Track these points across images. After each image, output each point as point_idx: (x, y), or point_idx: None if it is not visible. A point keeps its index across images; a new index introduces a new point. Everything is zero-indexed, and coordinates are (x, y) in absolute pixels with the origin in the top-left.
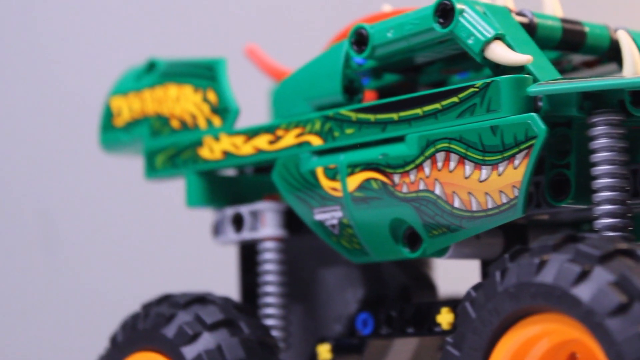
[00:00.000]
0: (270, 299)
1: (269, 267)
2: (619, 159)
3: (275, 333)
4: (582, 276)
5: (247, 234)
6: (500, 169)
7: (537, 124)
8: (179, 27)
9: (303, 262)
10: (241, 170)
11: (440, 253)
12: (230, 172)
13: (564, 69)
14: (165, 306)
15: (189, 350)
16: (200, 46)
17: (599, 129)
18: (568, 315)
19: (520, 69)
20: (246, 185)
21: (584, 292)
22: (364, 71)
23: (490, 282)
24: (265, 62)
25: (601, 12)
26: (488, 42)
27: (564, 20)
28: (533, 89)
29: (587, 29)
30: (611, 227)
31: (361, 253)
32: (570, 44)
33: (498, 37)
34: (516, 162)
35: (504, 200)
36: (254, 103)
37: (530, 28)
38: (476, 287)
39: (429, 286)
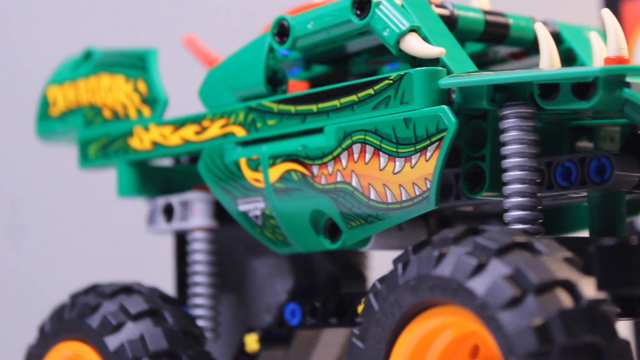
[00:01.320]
0: (199, 289)
1: (198, 257)
2: (529, 151)
3: (203, 323)
4: (478, 269)
5: (177, 224)
6: (413, 161)
7: (448, 116)
8: (121, 17)
9: (234, 252)
10: (177, 160)
11: (361, 244)
12: (167, 162)
13: (490, 61)
14: (91, 296)
15: (112, 340)
16: (141, 36)
17: (509, 122)
18: (465, 308)
19: (435, 61)
20: (178, 175)
21: (478, 285)
22: (294, 62)
23: (392, 274)
24: (203, 52)
25: (546, 6)
26: (403, 34)
27: (487, 13)
28: (444, 82)
29: (510, 21)
30: (520, 220)
31: (284, 244)
32: (493, 36)
33: (413, 30)
34: (428, 154)
35: (417, 193)
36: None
37: (451, 20)
38: (381, 280)
39: (359, 276)
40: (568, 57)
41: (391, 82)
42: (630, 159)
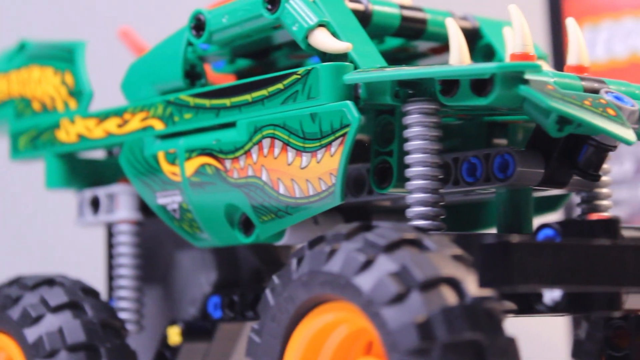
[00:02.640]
0: (123, 282)
1: (122, 249)
2: (432, 147)
3: (127, 315)
4: (365, 266)
5: (103, 217)
6: (319, 156)
7: (351, 111)
8: (58, 9)
9: (161, 245)
10: (110, 152)
11: (276, 238)
12: (99, 154)
13: (410, 56)
14: (14, 288)
15: (31, 332)
16: (78, 28)
17: (411, 117)
18: (353, 304)
19: (344, 56)
20: (106, 167)
21: (365, 281)
22: (219, 55)
23: (287, 270)
24: (137, 45)
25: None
26: (311, 29)
27: (403, 7)
28: (348, 77)
29: (428, 16)
30: (422, 216)
31: (202, 237)
32: (410, 31)
33: (322, 25)
34: (332, 149)
35: (323, 188)
36: None
37: (365, 15)
38: (278, 275)
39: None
40: (487, 52)
41: (299, 77)
42: (535, 155)
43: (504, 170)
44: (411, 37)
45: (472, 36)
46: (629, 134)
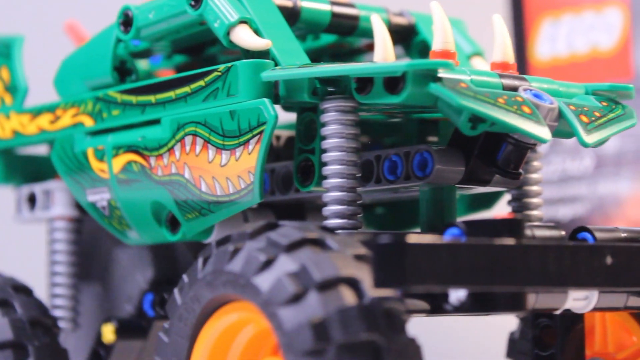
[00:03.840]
0: (59, 279)
1: (58, 246)
2: (349, 145)
3: (62, 313)
4: (265, 265)
5: (39, 213)
6: (237, 154)
7: (268, 109)
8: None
9: (99, 242)
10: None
11: (203, 236)
12: (42, 150)
13: (346, 52)
14: None
15: None
16: (14, 23)
17: (329, 115)
18: (253, 304)
19: (265, 53)
20: (44, 163)
21: (264, 281)
22: (156, 51)
23: (193, 269)
24: (83, 39)
25: None
26: (232, 25)
27: (334, 4)
28: (265, 75)
29: (360, 13)
30: (338, 214)
31: (131, 235)
32: (341, 28)
33: (243, 21)
34: (250, 147)
35: (242, 186)
36: None
37: (293, 12)
38: (187, 274)
39: None
40: (423, 48)
41: (220, 74)
42: (455, 154)
43: (423, 168)
44: (344, 33)
45: (408, 32)
46: (543, 131)
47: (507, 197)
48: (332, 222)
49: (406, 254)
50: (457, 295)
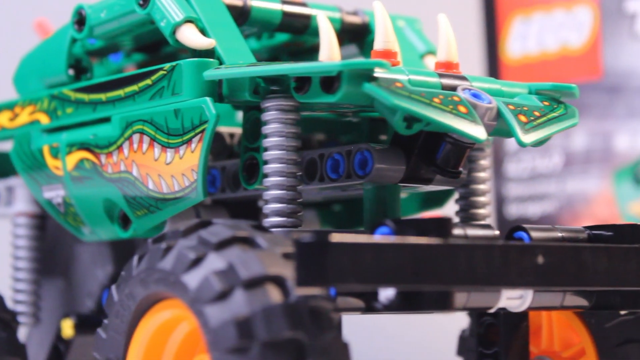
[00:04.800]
0: (21, 275)
1: (20, 242)
2: (289, 144)
3: (23, 308)
4: (195, 263)
5: (2, 210)
6: (181, 152)
7: (209, 108)
8: None
9: (62, 238)
10: None
11: (154, 232)
12: (7, 146)
13: (300, 51)
14: None
15: None
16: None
17: (269, 114)
18: (182, 301)
19: (211, 52)
20: (6, 160)
21: (192, 279)
22: (108, 49)
23: (128, 266)
24: None
25: None
26: (178, 25)
27: (285, 3)
28: (207, 74)
29: (312, 12)
30: (278, 213)
31: (86, 231)
32: (293, 27)
33: (189, 21)
34: (193, 145)
35: (187, 183)
36: None
37: (243, 11)
38: (124, 271)
39: None
40: None
41: (165, 72)
42: (396, 153)
43: (363, 167)
44: (296, 32)
45: (362, 31)
46: (478, 131)
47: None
48: (272, 220)
49: (328, 252)
50: (386, 294)
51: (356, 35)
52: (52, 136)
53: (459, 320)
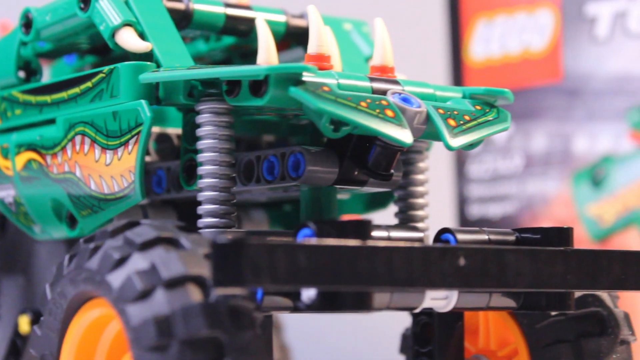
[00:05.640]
0: None
1: None
2: (222, 146)
3: None
4: (119, 263)
5: None
6: (119, 153)
7: (144, 110)
8: None
9: (22, 236)
10: None
11: None
12: None
13: (249, 53)
14: None
15: None
16: None
17: (203, 117)
18: (107, 300)
19: (149, 56)
20: None
21: (115, 278)
22: (58, 52)
23: (60, 265)
24: None
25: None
26: (117, 28)
27: (229, 6)
28: (142, 77)
29: (256, 15)
30: (212, 213)
31: (37, 230)
32: (237, 30)
33: (128, 24)
34: (130, 147)
35: (125, 184)
36: None
37: (186, 14)
38: (56, 269)
39: None
40: None
41: (104, 75)
42: (330, 155)
43: (297, 169)
44: (241, 35)
45: (308, 34)
46: (404, 134)
47: None
48: (206, 220)
49: (243, 253)
50: (308, 294)
51: (303, 38)
52: (2, 137)
53: (407, 320)
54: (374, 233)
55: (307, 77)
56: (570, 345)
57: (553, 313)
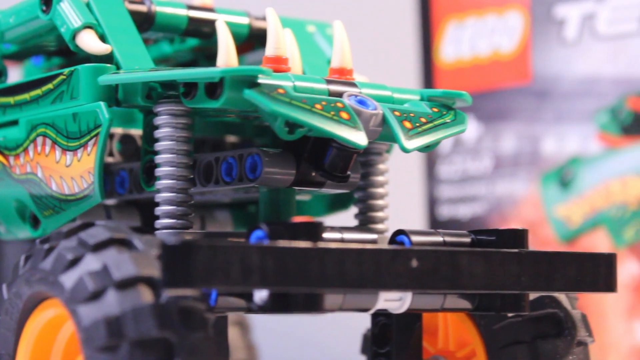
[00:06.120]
0: None
1: None
2: (179, 148)
3: None
4: (72, 264)
5: None
6: (79, 154)
7: (102, 112)
8: None
9: None
10: None
11: None
12: None
13: (214, 54)
14: None
15: None
16: None
17: (160, 119)
18: (60, 301)
19: (109, 58)
20: None
21: (68, 279)
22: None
23: (16, 265)
24: None
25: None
26: (77, 30)
27: (192, 8)
28: (101, 79)
29: (219, 17)
30: (169, 215)
31: (5, 230)
32: (200, 32)
33: (88, 26)
34: (89, 148)
35: (85, 185)
36: None
37: (148, 17)
38: (12, 270)
39: None
40: None
41: (65, 77)
42: (287, 157)
43: (254, 170)
44: (204, 37)
45: None
46: (358, 137)
47: None
48: (163, 221)
49: (192, 255)
50: (260, 295)
51: (266, 39)
52: None
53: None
54: (328, 235)
55: (262, 79)
56: (526, 346)
57: (510, 314)
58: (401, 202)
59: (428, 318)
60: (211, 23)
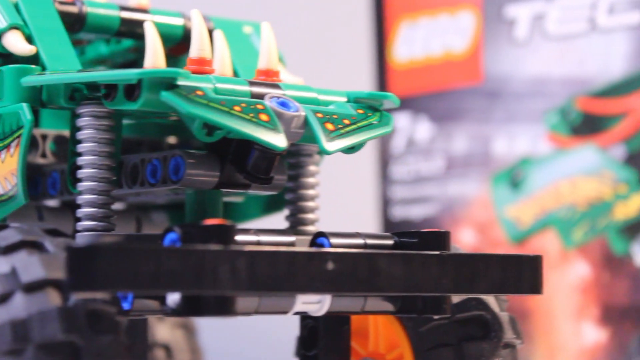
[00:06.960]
0: None
1: None
2: (101, 149)
3: None
4: None
5: None
6: (3, 156)
7: (25, 114)
8: None
9: None
10: None
11: None
12: None
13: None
14: None
15: None
16: None
17: (82, 120)
18: None
19: (35, 59)
20: None
21: None
22: None
23: None
24: None
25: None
26: (3, 32)
27: (125, 9)
28: (23, 80)
29: (153, 18)
30: (90, 217)
31: None
32: (133, 33)
33: (15, 27)
34: (12, 150)
35: (9, 187)
36: None
37: (79, 17)
38: None
39: None
40: None
41: None
42: (212, 159)
43: (177, 172)
44: (138, 38)
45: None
46: (277, 139)
47: None
48: (84, 224)
49: (96, 258)
50: (173, 298)
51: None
52: None
53: None
54: (243, 237)
55: (181, 81)
56: (452, 348)
57: (436, 317)
58: (354, 203)
59: (359, 320)
60: (141, 24)
